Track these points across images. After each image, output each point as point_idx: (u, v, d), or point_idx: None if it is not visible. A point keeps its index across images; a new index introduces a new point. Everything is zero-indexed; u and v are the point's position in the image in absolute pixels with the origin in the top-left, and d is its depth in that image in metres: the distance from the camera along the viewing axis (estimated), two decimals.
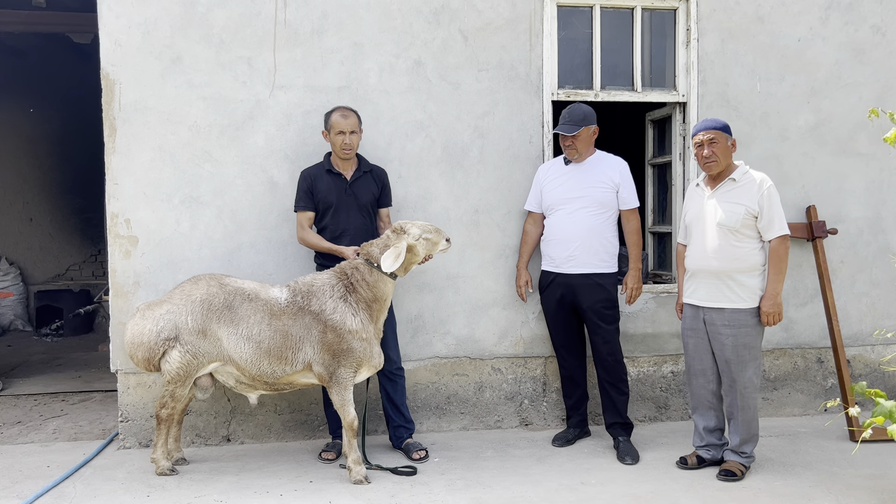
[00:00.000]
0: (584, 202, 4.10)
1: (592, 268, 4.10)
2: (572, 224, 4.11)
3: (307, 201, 4.01)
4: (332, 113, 3.96)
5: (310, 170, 4.06)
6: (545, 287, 4.26)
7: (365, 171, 4.06)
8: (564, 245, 4.13)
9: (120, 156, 4.17)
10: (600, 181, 4.11)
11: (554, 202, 4.19)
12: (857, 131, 4.82)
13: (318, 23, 4.28)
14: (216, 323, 3.58)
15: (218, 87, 4.22)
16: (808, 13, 4.73)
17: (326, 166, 4.03)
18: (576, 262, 4.10)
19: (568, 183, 4.15)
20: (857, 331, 4.88)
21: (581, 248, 4.09)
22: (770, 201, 3.60)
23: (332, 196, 3.98)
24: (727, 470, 3.62)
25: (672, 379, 4.74)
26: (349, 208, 3.99)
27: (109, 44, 4.14)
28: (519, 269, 4.38)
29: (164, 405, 3.71)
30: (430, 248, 3.76)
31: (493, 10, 4.44)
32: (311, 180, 4.01)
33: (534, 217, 4.34)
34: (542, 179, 4.28)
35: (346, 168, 4.03)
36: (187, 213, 4.23)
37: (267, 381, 3.66)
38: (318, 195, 3.99)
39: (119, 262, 4.19)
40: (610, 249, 4.14)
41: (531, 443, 4.31)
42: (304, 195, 4.01)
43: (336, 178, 4.00)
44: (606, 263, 4.12)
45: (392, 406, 4.13)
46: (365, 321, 3.66)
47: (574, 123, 4.04)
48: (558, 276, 4.16)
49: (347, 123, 3.92)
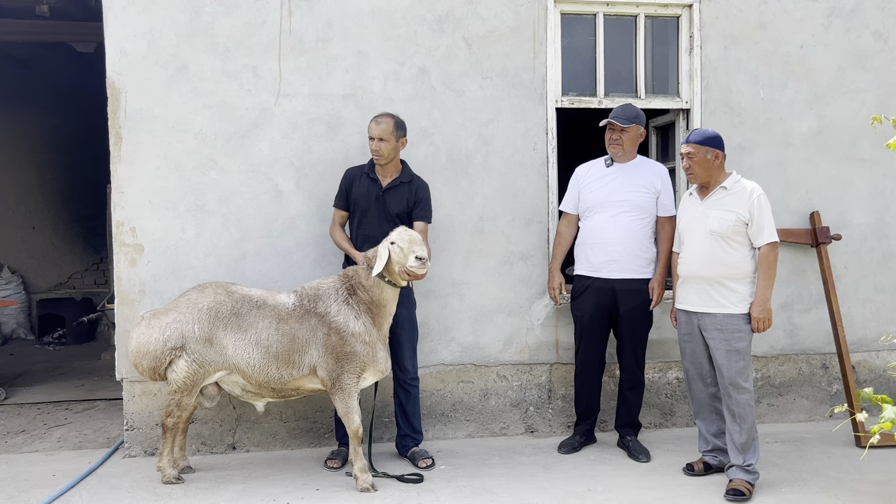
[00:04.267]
0: (626, 206, 4.10)
1: (633, 273, 4.12)
2: (613, 227, 4.10)
3: (342, 200, 4.06)
4: (371, 120, 3.97)
5: (353, 170, 4.09)
6: (580, 292, 4.23)
7: (403, 182, 4.03)
8: (604, 248, 4.12)
9: (125, 164, 4.17)
10: (643, 186, 4.12)
11: (594, 204, 4.17)
12: (860, 137, 4.83)
13: (323, 31, 4.30)
14: (223, 331, 3.58)
15: (223, 96, 4.24)
16: (810, 20, 4.75)
17: (367, 170, 4.04)
18: (617, 266, 4.10)
19: (610, 185, 4.14)
20: (861, 336, 4.88)
21: (622, 252, 4.09)
22: (760, 209, 3.63)
23: (363, 200, 4.00)
24: (735, 490, 3.58)
25: (677, 385, 4.74)
26: (378, 215, 3.97)
27: (115, 53, 4.15)
28: (552, 272, 4.35)
29: (169, 414, 3.71)
30: (400, 257, 3.58)
31: (496, 17, 4.46)
32: (350, 180, 4.04)
33: (569, 218, 4.32)
34: (581, 180, 4.26)
35: (385, 174, 4.02)
36: (193, 221, 4.23)
37: (274, 388, 3.66)
38: (352, 196, 4.03)
39: (125, 270, 4.19)
40: (648, 255, 4.16)
41: (537, 450, 4.30)
42: (342, 193, 4.07)
43: (373, 184, 4.01)
44: (645, 269, 4.15)
45: (403, 415, 4.13)
46: (367, 325, 3.66)
47: (627, 118, 4.06)
48: (596, 280, 4.15)
49: (377, 129, 3.91)
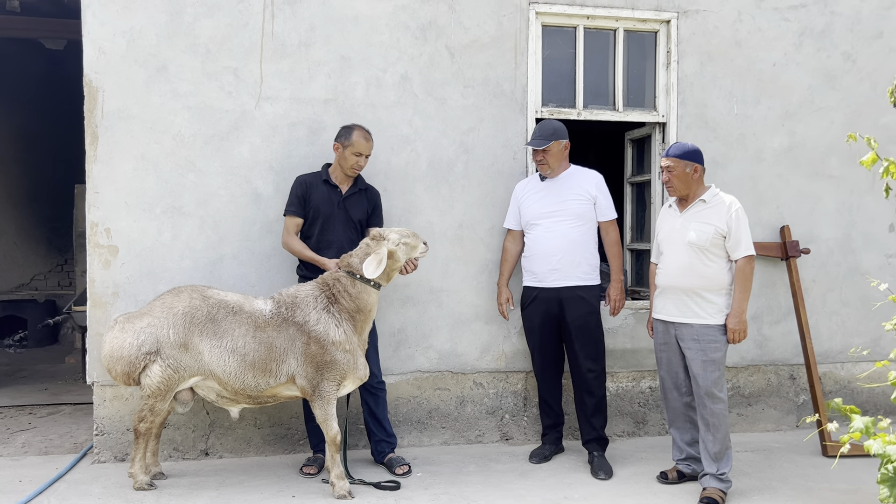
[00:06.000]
0: (563, 216, 4.14)
1: (577, 280, 4.13)
2: (552, 238, 4.14)
3: (298, 207, 3.99)
4: (352, 130, 3.94)
5: (306, 177, 4.05)
6: (528, 303, 4.27)
7: (360, 189, 4.06)
8: (546, 259, 4.15)
9: (101, 164, 4.10)
10: (576, 194, 4.16)
11: (532, 218, 4.22)
12: (829, 154, 4.97)
13: (306, 35, 4.29)
14: (199, 336, 3.53)
15: (203, 97, 4.19)
16: (782, 39, 4.87)
17: (324, 176, 4.01)
18: (559, 275, 4.13)
19: (545, 199, 4.19)
20: (827, 348, 5.00)
21: (563, 260, 4.12)
22: (738, 222, 3.71)
23: (325, 207, 3.97)
24: (709, 498, 3.62)
25: (650, 394, 4.80)
26: (340, 222, 3.98)
27: (93, 51, 4.08)
28: (500, 287, 4.40)
29: (142, 419, 3.64)
30: (409, 253, 3.75)
31: (479, 27, 4.50)
32: (307, 187, 3.99)
33: (513, 234, 4.37)
34: (520, 196, 4.32)
35: (344, 183, 4.02)
36: (169, 224, 4.17)
37: (250, 395, 3.62)
38: (311, 203, 3.98)
39: (98, 272, 4.11)
40: (592, 261, 4.19)
41: (512, 457, 4.32)
42: (297, 201, 3.99)
43: (332, 190, 3.99)
44: (590, 276, 4.17)
45: (374, 420, 4.11)
46: (349, 332, 3.64)
47: (544, 138, 4.09)
48: (541, 290, 4.19)
49: (367, 146, 3.95)
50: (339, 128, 4.28)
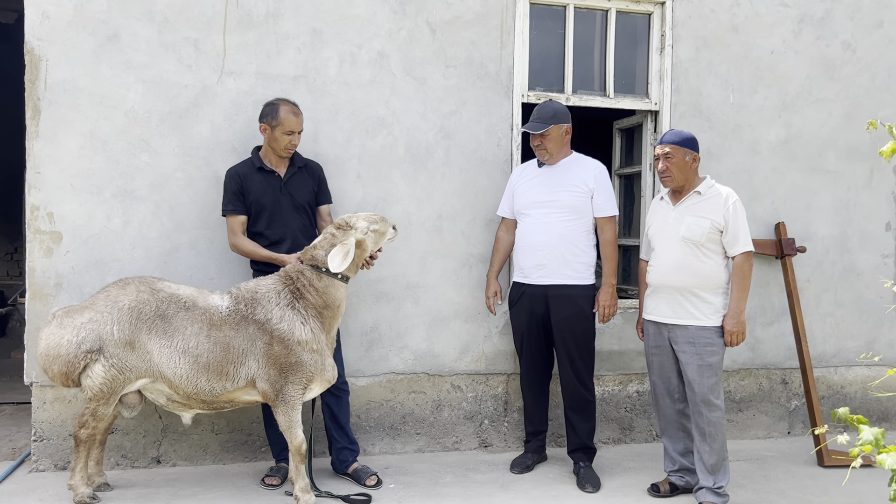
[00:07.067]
0: (555, 207, 3.81)
1: (564, 278, 3.81)
2: (541, 230, 3.82)
3: (237, 204, 3.60)
4: (278, 107, 3.55)
5: (237, 168, 3.66)
6: (515, 300, 3.95)
7: (300, 167, 3.69)
8: (532, 252, 3.84)
9: (44, 141, 3.71)
10: (572, 184, 3.83)
11: (523, 206, 3.90)
12: (826, 148, 4.74)
13: (274, 5, 3.93)
14: (146, 334, 3.16)
15: (160, 70, 3.81)
16: (781, 25, 4.62)
17: (257, 163, 3.63)
18: (545, 272, 3.81)
19: (538, 187, 3.87)
20: (821, 351, 4.78)
21: (550, 256, 3.80)
22: (736, 216, 3.45)
23: (266, 197, 3.60)
24: None
25: (637, 399, 4.53)
26: (287, 210, 3.62)
27: (36, 15, 3.68)
28: (489, 279, 4.07)
29: (83, 425, 3.27)
30: (378, 240, 3.43)
31: (462, 2, 4.17)
32: (241, 180, 3.60)
33: (506, 223, 4.04)
34: (515, 182, 3.99)
35: (280, 165, 3.65)
36: (120, 208, 3.79)
37: (204, 400, 3.25)
38: (251, 196, 3.60)
39: (39, 261, 3.72)
40: (584, 259, 3.86)
41: (492, 466, 4.01)
42: (234, 197, 3.60)
43: (269, 177, 3.62)
44: (581, 275, 3.84)
45: (336, 425, 3.76)
46: (316, 330, 3.29)
47: (543, 121, 3.76)
48: (528, 287, 3.87)
49: (298, 122, 3.57)
50: (309, 108, 3.95)
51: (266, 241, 3.61)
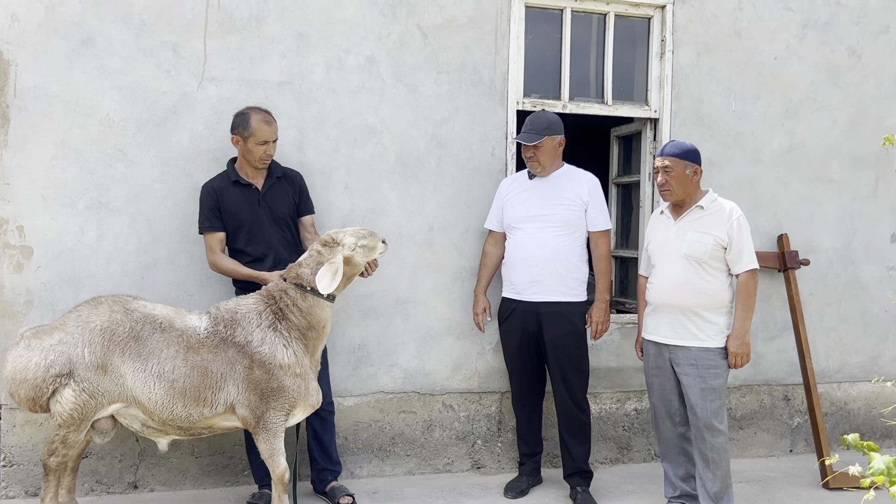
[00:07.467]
0: (547, 221, 3.66)
1: (558, 295, 3.66)
2: (534, 245, 3.67)
3: (214, 221, 3.43)
4: (249, 117, 3.36)
5: (212, 182, 3.48)
6: (505, 317, 3.79)
7: (278, 177, 3.51)
8: (525, 268, 3.68)
9: (13, 151, 3.52)
10: (566, 198, 3.68)
11: (514, 220, 3.75)
12: (830, 157, 4.59)
13: (258, 8, 3.75)
14: (119, 357, 2.97)
15: (137, 76, 3.63)
16: (785, 30, 4.47)
17: (233, 176, 3.45)
18: (539, 288, 3.66)
19: (530, 200, 3.71)
20: (824, 367, 4.63)
21: (544, 272, 3.64)
22: (740, 232, 3.30)
23: (243, 212, 3.42)
24: None
25: (636, 417, 4.37)
26: (267, 224, 3.44)
27: (4, 17, 3.49)
28: (477, 295, 3.91)
29: (53, 452, 3.07)
30: (367, 255, 3.23)
31: (455, 6, 4.00)
32: (217, 195, 3.42)
33: (494, 237, 3.89)
34: (504, 194, 3.83)
35: (257, 177, 3.47)
36: (94, 221, 3.60)
37: (181, 426, 3.07)
38: (227, 212, 3.42)
39: (8, 277, 3.53)
40: (577, 275, 3.71)
41: (486, 490, 3.85)
42: (210, 214, 3.43)
43: (245, 190, 3.44)
44: (574, 291, 3.69)
45: (319, 447, 3.61)
46: (299, 353, 3.11)
47: (536, 132, 3.60)
48: (519, 304, 3.72)
49: (272, 131, 3.39)
50: (294, 115, 3.78)
51: (248, 258, 3.43)
